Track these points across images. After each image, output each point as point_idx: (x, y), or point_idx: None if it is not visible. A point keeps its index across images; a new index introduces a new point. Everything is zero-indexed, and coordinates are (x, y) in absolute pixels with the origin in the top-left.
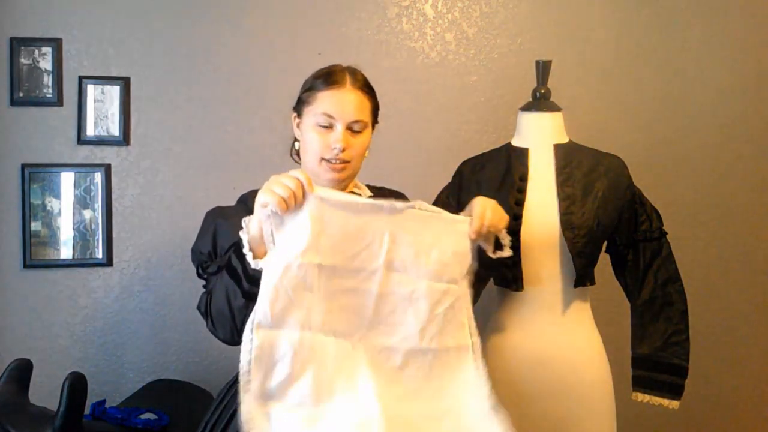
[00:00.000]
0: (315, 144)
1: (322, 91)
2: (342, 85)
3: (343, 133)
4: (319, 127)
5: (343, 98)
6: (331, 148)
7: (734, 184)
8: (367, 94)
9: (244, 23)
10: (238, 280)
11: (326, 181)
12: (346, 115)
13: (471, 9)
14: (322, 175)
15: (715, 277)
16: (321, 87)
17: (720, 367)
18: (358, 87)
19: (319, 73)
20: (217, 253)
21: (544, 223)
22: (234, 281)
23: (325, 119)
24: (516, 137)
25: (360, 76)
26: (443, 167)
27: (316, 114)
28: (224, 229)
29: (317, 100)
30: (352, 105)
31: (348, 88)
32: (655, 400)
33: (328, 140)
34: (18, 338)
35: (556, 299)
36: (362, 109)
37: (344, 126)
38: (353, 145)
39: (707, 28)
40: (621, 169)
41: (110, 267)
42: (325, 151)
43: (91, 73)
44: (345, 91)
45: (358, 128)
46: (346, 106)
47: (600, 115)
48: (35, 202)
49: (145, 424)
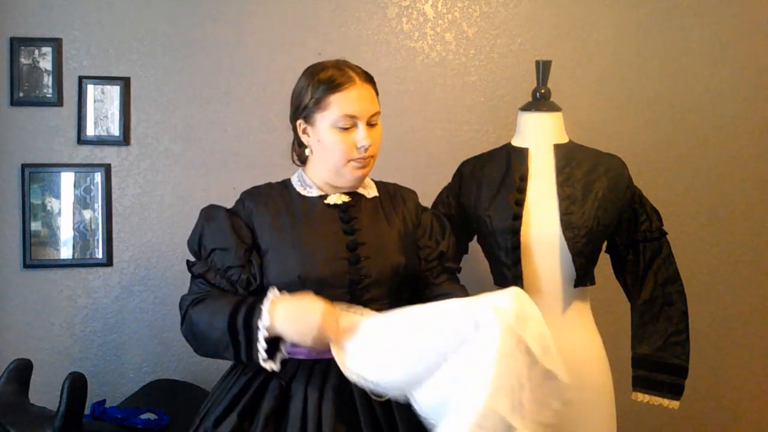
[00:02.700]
0: (339, 146)
1: (335, 94)
2: (354, 83)
3: (366, 129)
4: (339, 129)
5: (359, 95)
6: (357, 147)
7: (734, 184)
8: (371, 82)
9: (244, 23)
10: (238, 349)
11: (352, 180)
12: (367, 111)
13: (471, 9)
14: (347, 175)
15: (715, 277)
16: (334, 90)
17: (720, 367)
18: (364, 79)
19: (321, 76)
20: (201, 253)
21: (544, 223)
22: (233, 345)
23: (347, 120)
24: (516, 137)
25: (357, 68)
26: (443, 167)
27: (336, 119)
28: (207, 232)
29: (332, 103)
30: (367, 100)
31: (359, 84)
32: (655, 400)
33: (351, 140)
34: (18, 338)
35: (556, 299)
36: (374, 99)
37: (365, 123)
38: (375, 139)
39: (707, 28)
40: (621, 169)
41: (110, 267)
42: (352, 152)
43: (91, 73)
44: (358, 87)
45: (375, 120)
46: (364, 102)
47: (600, 115)
48: (35, 202)
49: (145, 424)
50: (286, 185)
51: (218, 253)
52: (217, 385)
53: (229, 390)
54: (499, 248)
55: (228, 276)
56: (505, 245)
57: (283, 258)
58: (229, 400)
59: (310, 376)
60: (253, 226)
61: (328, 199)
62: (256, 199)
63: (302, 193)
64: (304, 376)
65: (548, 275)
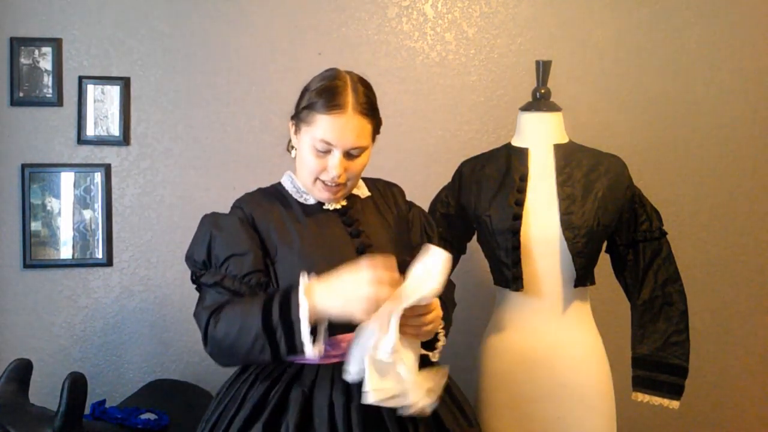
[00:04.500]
0: (311, 165)
1: (322, 115)
2: (343, 111)
3: (340, 160)
4: (316, 150)
5: (344, 126)
6: (328, 171)
7: (734, 184)
8: (368, 116)
9: (244, 23)
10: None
11: (322, 198)
12: (346, 143)
13: (471, 9)
14: (316, 193)
15: (715, 277)
16: (321, 109)
17: (720, 367)
18: (359, 111)
19: (321, 88)
20: (212, 262)
21: (544, 223)
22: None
23: (323, 146)
24: (516, 137)
25: (362, 95)
26: (443, 167)
27: (314, 138)
28: (220, 239)
29: (316, 123)
30: (352, 133)
31: (349, 114)
32: (655, 400)
33: (324, 163)
34: (18, 338)
35: (556, 299)
36: (362, 134)
37: (342, 152)
38: (350, 169)
39: (707, 28)
40: (621, 169)
41: (110, 267)
42: (321, 173)
43: (91, 73)
44: (346, 117)
45: (357, 153)
46: (346, 133)
47: (600, 115)
48: (35, 202)
49: (145, 424)
50: (280, 191)
51: (236, 259)
52: (224, 391)
53: (245, 398)
54: (499, 248)
55: (246, 281)
56: (505, 245)
57: (295, 265)
58: (250, 410)
59: (333, 381)
60: (259, 232)
61: (326, 205)
62: (254, 207)
63: (299, 200)
64: (327, 382)
65: (548, 275)
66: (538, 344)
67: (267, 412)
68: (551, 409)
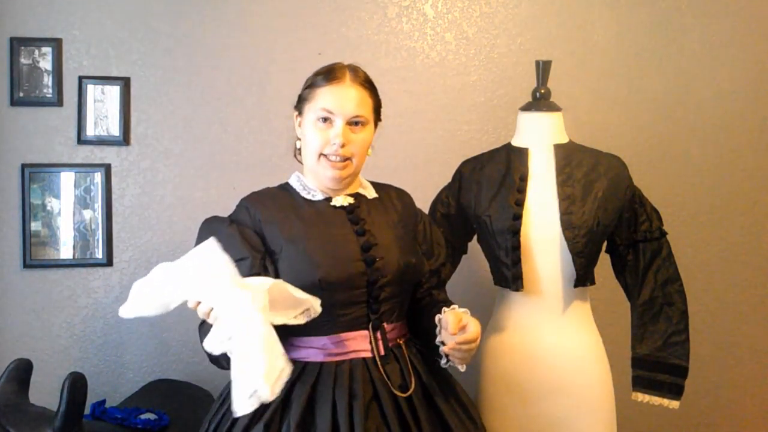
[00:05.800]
0: (314, 139)
1: (321, 87)
2: (341, 81)
3: (342, 128)
4: (318, 123)
5: (343, 93)
6: (331, 143)
7: (734, 183)
8: (367, 89)
9: (244, 23)
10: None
11: (327, 179)
12: (346, 110)
13: (471, 9)
14: (321, 173)
15: (715, 277)
16: (321, 83)
17: (720, 367)
18: (358, 82)
19: (319, 70)
20: None
21: (544, 223)
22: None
23: (324, 114)
24: (516, 137)
25: (361, 72)
26: (443, 167)
27: (316, 110)
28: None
29: (317, 95)
30: (352, 100)
31: (348, 84)
32: (655, 400)
33: (327, 135)
34: (18, 338)
35: (556, 299)
36: (362, 104)
37: (344, 121)
38: (354, 141)
39: (707, 28)
40: (621, 169)
41: (110, 267)
42: (324, 147)
43: (91, 73)
44: (344, 86)
45: (358, 124)
46: (346, 101)
47: (600, 115)
48: (35, 202)
49: (145, 424)
50: (287, 189)
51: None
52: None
53: None
54: (499, 248)
55: None
56: (505, 245)
57: (300, 263)
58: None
59: (335, 379)
60: (262, 233)
61: (333, 201)
62: (260, 206)
63: (306, 197)
64: (330, 380)
65: (548, 275)
66: (538, 344)
67: (269, 411)
68: (551, 409)
